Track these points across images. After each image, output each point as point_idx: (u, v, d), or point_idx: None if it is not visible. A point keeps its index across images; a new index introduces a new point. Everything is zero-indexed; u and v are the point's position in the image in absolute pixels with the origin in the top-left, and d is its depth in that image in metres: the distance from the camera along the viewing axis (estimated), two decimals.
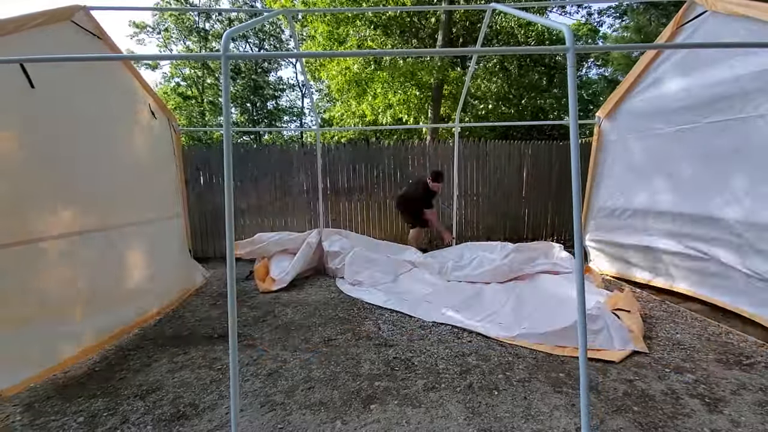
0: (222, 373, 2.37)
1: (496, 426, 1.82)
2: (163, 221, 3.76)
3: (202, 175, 5.91)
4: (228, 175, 1.63)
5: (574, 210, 1.59)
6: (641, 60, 3.86)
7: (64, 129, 2.58)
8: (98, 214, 2.84)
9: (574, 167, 1.58)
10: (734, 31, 2.88)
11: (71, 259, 2.55)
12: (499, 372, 2.31)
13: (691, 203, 3.39)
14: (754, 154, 2.84)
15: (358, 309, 3.47)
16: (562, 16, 12.92)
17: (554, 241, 6.58)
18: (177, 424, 1.89)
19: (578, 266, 1.60)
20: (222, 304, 3.67)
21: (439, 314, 3.16)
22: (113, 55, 3.17)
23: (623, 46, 4.17)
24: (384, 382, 2.22)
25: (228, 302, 1.63)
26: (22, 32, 2.25)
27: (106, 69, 3.11)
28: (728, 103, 3.00)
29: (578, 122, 1.65)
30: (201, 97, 19.46)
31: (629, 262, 4.10)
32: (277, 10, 2.92)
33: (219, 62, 2.17)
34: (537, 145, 6.39)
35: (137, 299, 3.12)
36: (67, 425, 1.90)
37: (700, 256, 3.32)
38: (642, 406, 1.95)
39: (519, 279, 3.98)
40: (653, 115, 3.76)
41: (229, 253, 1.65)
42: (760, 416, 1.85)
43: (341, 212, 6.21)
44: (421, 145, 6.32)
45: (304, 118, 23.68)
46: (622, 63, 9.71)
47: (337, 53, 4.73)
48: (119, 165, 3.13)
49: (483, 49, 5.96)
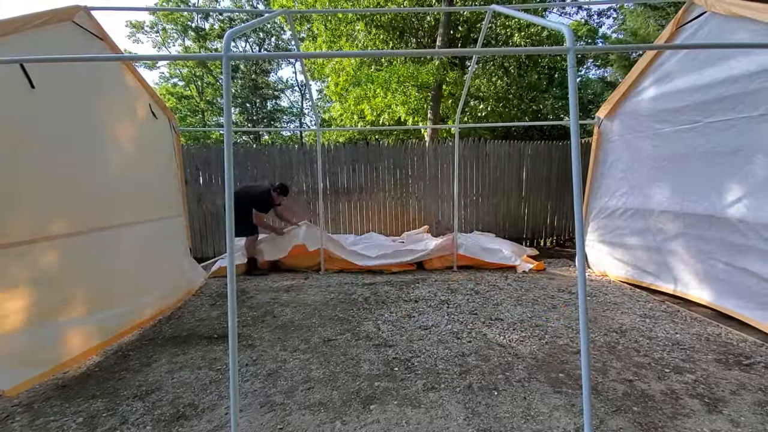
0: (221, 374, 2.37)
1: (496, 426, 1.82)
2: (163, 221, 3.76)
3: (202, 175, 5.91)
4: (228, 175, 1.63)
5: (575, 210, 1.59)
6: (641, 60, 3.86)
7: (65, 129, 2.58)
8: (98, 214, 2.84)
9: (575, 167, 1.57)
10: (734, 32, 2.89)
11: (72, 259, 2.55)
12: (499, 372, 2.31)
13: (691, 203, 3.40)
14: (755, 153, 2.84)
15: (357, 309, 3.47)
16: (561, 17, 12.94)
17: (554, 241, 6.61)
18: (176, 425, 1.89)
19: (579, 266, 1.60)
20: (221, 305, 3.67)
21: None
22: (113, 56, 3.17)
23: (623, 46, 4.10)
24: (383, 383, 2.22)
25: (228, 302, 1.63)
26: (23, 32, 2.25)
27: (107, 69, 3.11)
28: (728, 103, 3.01)
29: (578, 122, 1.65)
30: (200, 96, 19.46)
31: (629, 262, 4.10)
32: (278, 11, 2.92)
33: (218, 62, 2.17)
34: (537, 145, 6.40)
35: (138, 299, 3.12)
36: (67, 425, 1.90)
37: (700, 256, 3.32)
38: (642, 406, 1.95)
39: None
40: (653, 115, 3.76)
41: (229, 253, 1.64)
42: (760, 416, 1.85)
43: (341, 212, 6.22)
44: (421, 146, 6.32)
45: (303, 118, 23.69)
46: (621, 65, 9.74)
47: (337, 53, 4.72)
48: (120, 165, 3.13)
49: (483, 50, 5.95)
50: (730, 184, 3.05)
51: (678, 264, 3.55)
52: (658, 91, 3.70)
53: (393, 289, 4.08)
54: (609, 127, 4.36)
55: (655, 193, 3.77)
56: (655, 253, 3.78)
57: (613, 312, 3.27)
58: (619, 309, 3.34)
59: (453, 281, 4.31)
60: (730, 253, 3.05)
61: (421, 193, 6.28)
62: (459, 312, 3.34)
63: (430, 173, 6.26)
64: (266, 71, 21.61)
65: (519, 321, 3.11)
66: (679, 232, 3.52)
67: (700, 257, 3.33)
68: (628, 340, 2.72)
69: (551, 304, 3.49)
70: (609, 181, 4.36)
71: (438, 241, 4.98)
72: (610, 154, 4.36)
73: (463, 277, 4.51)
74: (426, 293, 3.89)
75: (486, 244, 5.08)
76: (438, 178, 6.26)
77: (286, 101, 23.67)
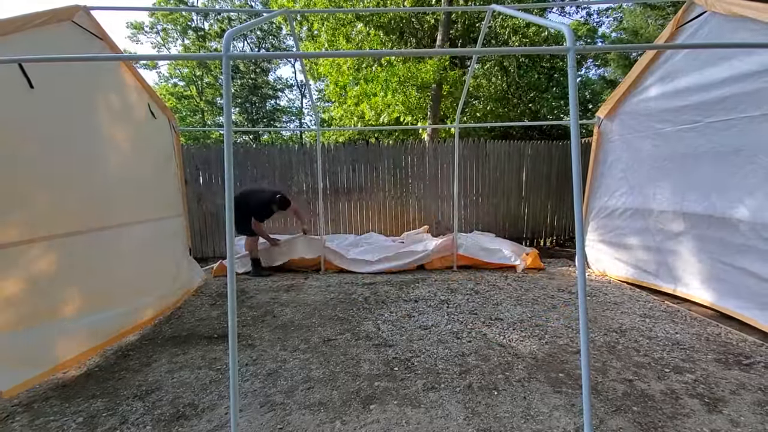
0: (221, 373, 2.37)
1: (496, 426, 1.82)
2: (163, 221, 3.76)
3: (202, 175, 5.91)
4: (228, 175, 1.63)
5: (575, 210, 1.59)
6: (641, 60, 3.86)
7: (64, 129, 2.58)
8: (98, 214, 2.83)
9: (575, 167, 1.57)
10: (734, 32, 2.89)
11: (71, 259, 2.54)
12: (499, 372, 2.31)
13: (691, 203, 3.40)
14: (756, 153, 2.84)
15: (357, 309, 3.47)
16: (561, 16, 12.93)
17: (554, 241, 6.61)
18: (176, 425, 1.89)
19: (579, 266, 1.60)
20: (221, 304, 3.67)
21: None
22: (113, 55, 3.16)
23: (623, 46, 4.11)
24: (383, 383, 2.22)
25: (228, 302, 1.63)
26: (23, 32, 2.25)
27: (106, 69, 3.11)
28: (730, 103, 3.01)
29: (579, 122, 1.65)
30: (200, 96, 19.45)
31: (629, 262, 4.10)
32: (278, 11, 2.92)
33: (218, 61, 2.16)
34: (537, 145, 6.40)
35: (138, 299, 3.12)
36: (67, 425, 1.90)
37: (700, 256, 3.32)
38: (642, 406, 1.95)
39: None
40: (653, 115, 3.76)
41: (229, 253, 1.64)
42: (760, 416, 1.85)
43: (341, 212, 6.21)
44: (421, 145, 6.32)
45: (303, 118, 23.69)
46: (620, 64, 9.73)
47: (337, 53, 4.71)
48: (119, 165, 3.12)
49: (483, 50, 5.96)
50: (730, 184, 3.05)
51: (678, 264, 3.55)
52: (659, 91, 3.70)
53: (393, 288, 4.08)
54: (609, 126, 4.36)
55: (655, 192, 3.77)
56: (655, 253, 3.78)
57: (613, 312, 3.27)
58: (619, 309, 3.34)
59: (453, 281, 4.31)
60: (730, 253, 3.05)
61: (421, 193, 6.28)
62: (459, 312, 3.34)
63: (430, 173, 6.26)
64: (265, 70, 21.60)
65: (519, 321, 3.11)
66: (679, 232, 3.52)
67: (700, 257, 3.33)
68: (628, 339, 2.72)
69: (551, 304, 3.49)
70: (609, 180, 4.36)
71: (438, 242, 4.98)
72: (610, 153, 4.36)
73: (463, 276, 4.51)
74: (426, 293, 3.89)
75: (486, 244, 5.08)
76: (438, 178, 6.26)
77: (286, 101, 23.69)
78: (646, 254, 3.89)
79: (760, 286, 2.81)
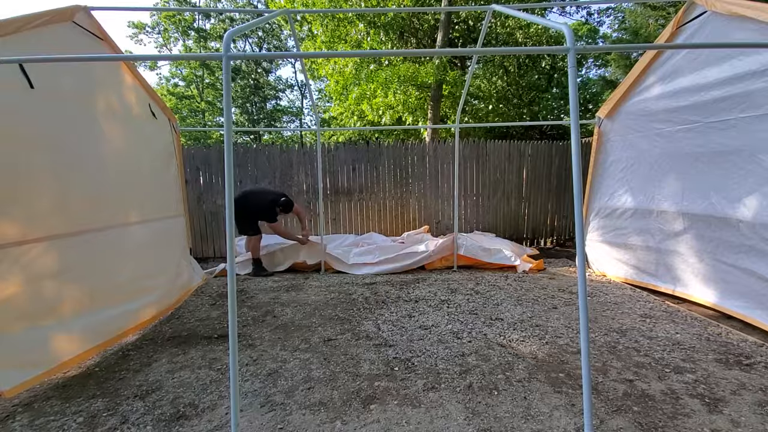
0: (222, 374, 2.37)
1: (496, 426, 1.82)
2: (164, 221, 3.76)
3: (202, 175, 5.91)
4: (228, 175, 1.63)
5: (576, 210, 1.59)
6: (641, 60, 3.86)
7: (64, 129, 2.58)
8: (98, 214, 2.83)
9: (575, 167, 1.57)
10: (734, 31, 2.89)
11: (71, 258, 2.55)
12: (499, 372, 2.31)
13: (692, 203, 3.39)
14: (756, 153, 2.84)
15: (357, 309, 3.47)
16: (561, 16, 12.93)
17: (554, 241, 6.61)
18: (177, 425, 1.89)
19: (580, 266, 1.60)
20: (221, 304, 3.67)
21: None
22: (113, 56, 3.16)
23: (623, 46, 4.11)
24: (384, 382, 2.22)
25: (228, 302, 1.63)
26: (23, 32, 2.25)
27: (106, 69, 3.11)
28: (730, 102, 3.01)
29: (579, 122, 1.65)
30: (200, 96, 19.46)
31: (629, 262, 4.10)
32: (278, 11, 2.92)
33: (219, 62, 2.17)
34: (537, 145, 6.40)
35: (138, 299, 3.12)
36: (67, 425, 1.90)
37: (700, 256, 3.32)
38: (642, 406, 1.95)
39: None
40: (654, 115, 3.76)
41: (229, 253, 1.64)
42: (760, 416, 1.85)
43: (341, 212, 6.21)
44: (421, 145, 6.32)
45: (303, 118, 23.70)
46: (620, 64, 9.73)
47: (337, 53, 4.72)
48: (119, 165, 3.12)
49: (483, 50, 5.95)
50: (730, 184, 3.04)
51: (678, 264, 3.55)
52: (659, 91, 3.69)
53: (393, 288, 4.08)
54: (609, 126, 4.36)
55: (656, 192, 3.77)
56: (655, 253, 3.78)
57: (614, 312, 3.27)
58: (620, 309, 3.34)
59: (453, 281, 4.31)
60: (730, 253, 3.05)
61: (421, 193, 6.28)
62: (459, 312, 3.34)
63: (430, 173, 6.25)
64: (266, 70, 21.61)
65: (519, 321, 3.11)
66: (679, 232, 3.52)
67: (700, 257, 3.33)
68: (629, 339, 2.72)
69: (551, 304, 3.49)
70: (609, 180, 4.36)
71: (438, 242, 4.98)
72: (610, 153, 4.36)
73: (463, 277, 4.51)
74: (426, 293, 3.89)
75: (486, 244, 5.08)
76: (438, 178, 6.26)
77: (286, 101, 23.70)
78: (646, 254, 3.89)
79: (760, 285, 2.81)
